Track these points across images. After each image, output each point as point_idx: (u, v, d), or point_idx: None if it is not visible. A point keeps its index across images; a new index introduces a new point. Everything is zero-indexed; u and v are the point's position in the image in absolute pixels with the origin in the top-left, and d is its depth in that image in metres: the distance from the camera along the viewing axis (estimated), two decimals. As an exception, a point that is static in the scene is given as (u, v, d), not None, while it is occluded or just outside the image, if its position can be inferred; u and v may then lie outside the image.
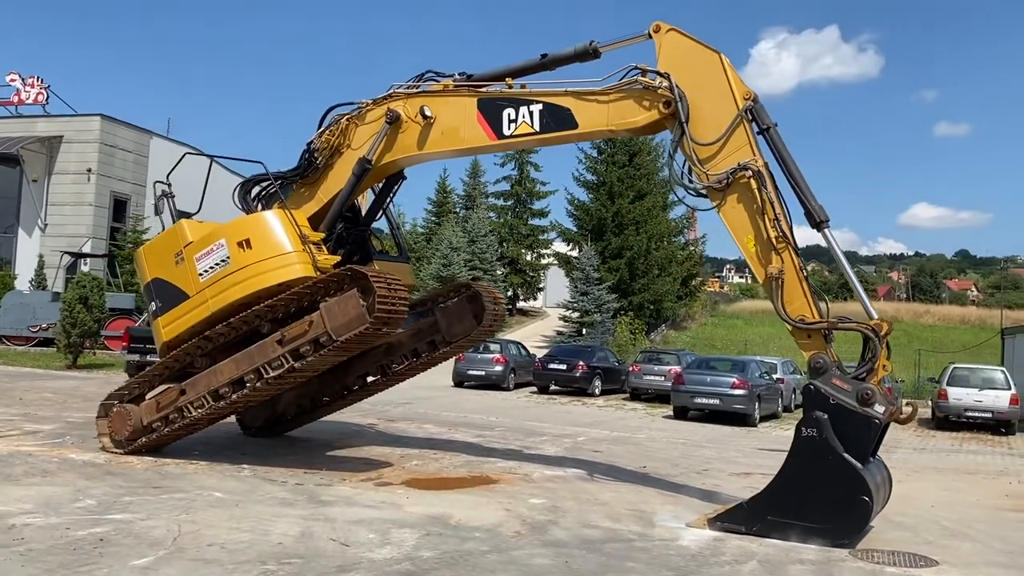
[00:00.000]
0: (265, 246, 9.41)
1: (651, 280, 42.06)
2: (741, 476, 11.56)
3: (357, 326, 8.74)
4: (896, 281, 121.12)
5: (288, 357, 9.19)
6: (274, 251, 9.37)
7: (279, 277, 9.30)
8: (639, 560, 6.64)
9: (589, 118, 8.54)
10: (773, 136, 7.99)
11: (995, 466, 15.03)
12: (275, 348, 9.24)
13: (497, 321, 11.61)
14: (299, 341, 9.08)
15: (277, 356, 9.23)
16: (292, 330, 9.12)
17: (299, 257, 9.34)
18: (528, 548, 6.85)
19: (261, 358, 9.34)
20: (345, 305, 8.79)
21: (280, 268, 9.31)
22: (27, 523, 6.74)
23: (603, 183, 44.20)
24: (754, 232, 7.92)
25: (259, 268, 9.34)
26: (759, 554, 7.02)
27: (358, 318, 8.72)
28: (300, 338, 9.07)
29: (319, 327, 8.94)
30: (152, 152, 37.56)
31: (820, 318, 7.76)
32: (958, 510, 9.76)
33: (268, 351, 9.30)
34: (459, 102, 9.21)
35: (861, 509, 7.17)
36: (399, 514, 7.87)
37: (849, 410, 7.32)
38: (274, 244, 9.41)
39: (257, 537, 6.70)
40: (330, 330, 8.86)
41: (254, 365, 9.38)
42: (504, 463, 11.37)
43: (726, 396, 19.21)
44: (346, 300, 8.81)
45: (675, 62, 8.24)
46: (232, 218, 10.17)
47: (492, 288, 12.13)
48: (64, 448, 10.49)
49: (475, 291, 11.52)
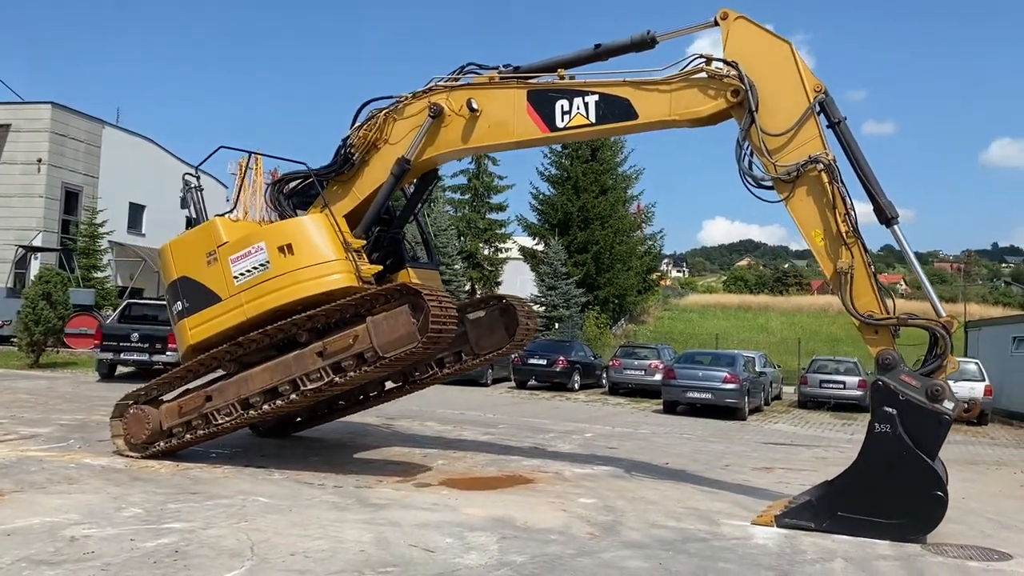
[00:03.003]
0: (308, 253, 8.98)
1: (616, 274, 42.27)
2: (764, 471, 11.58)
3: (406, 344, 8.38)
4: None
5: (328, 370, 8.80)
6: (317, 259, 8.97)
7: (322, 287, 8.90)
8: (729, 561, 6.53)
9: (650, 108, 8.37)
10: (843, 130, 7.94)
11: (986, 456, 15.40)
12: (315, 360, 8.83)
13: (529, 336, 11.30)
14: (342, 355, 8.69)
15: (316, 368, 8.83)
16: (335, 343, 8.71)
17: (342, 266, 8.97)
18: (612, 550, 6.69)
19: (299, 369, 8.92)
20: (395, 322, 8.41)
21: (323, 277, 8.91)
22: (86, 534, 6.35)
23: (568, 177, 44.22)
24: (823, 226, 7.86)
25: (301, 275, 8.92)
26: (839, 551, 6.97)
27: (408, 336, 8.35)
28: (343, 352, 8.67)
29: (364, 342, 8.55)
30: (105, 142, 36.31)
31: (888, 314, 7.75)
32: (990, 502, 9.92)
33: (307, 362, 8.87)
34: (507, 94, 8.94)
35: (937, 504, 7.18)
36: (460, 517, 7.63)
37: (919, 406, 7.33)
38: (317, 251, 9.00)
39: (334, 544, 6.41)
40: (377, 346, 8.48)
41: (291, 376, 8.96)
42: (529, 461, 11.20)
43: (718, 390, 19.34)
44: (396, 316, 8.43)
45: (744, 50, 8.10)
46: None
47: (526, 302, 11.82)
48: (73, 452, 9.98)
49: (508, 304, 11.22)
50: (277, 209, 9.79)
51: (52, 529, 6.46)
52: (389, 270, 10.11)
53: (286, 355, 9.07)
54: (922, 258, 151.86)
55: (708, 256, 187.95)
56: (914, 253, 8.21)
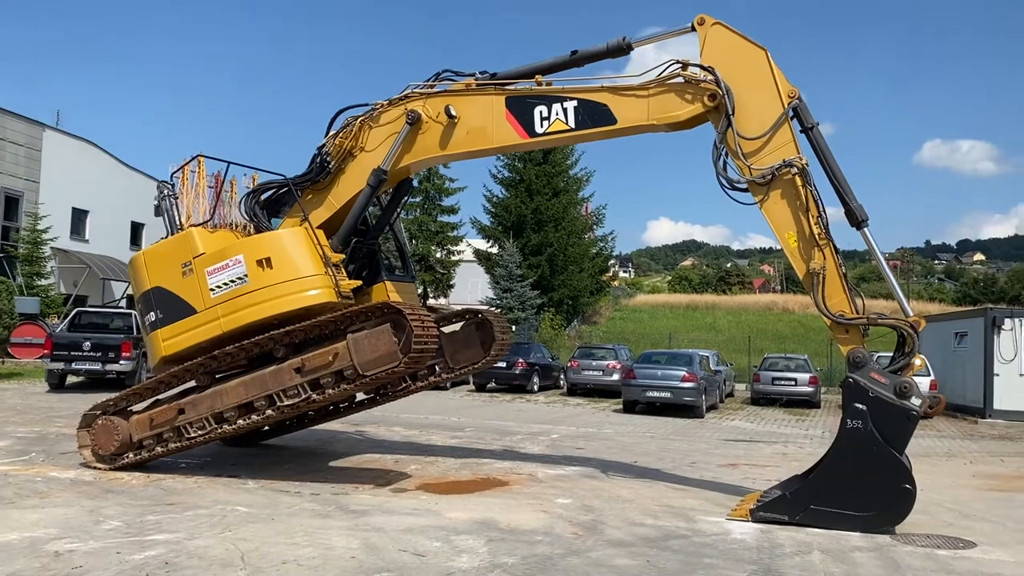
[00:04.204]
0: (287, 267, 8.91)
1: (569, 276, 42.58)
2: (729, 468, 11.84)
3: (388, 363, 8.33)
4: (769, 274, 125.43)
5: (306, 387, 8.72)
6: (296, 273, 8.90)
7: (301, 302, 8.85)
8: (713, 556, 6.70)
9: (629, 113, 8.50)
10: (816, 135, 8.18)
11: (936, 448, 15.93)
12: (292, 376, 8.74)
13: (503, 351, 11.35)
14: (321, 372, 8.60)
15: (294, 385, 8.74)
16: (314, 360, 8.62)
17: (322, 281, 8.92)
18: (599, 549, 6.81)
19: (276, 384, 8.81)
20: (376, 340, 8.34)
21: (302, 292, 8.86)
22: (69, 549, 6.25)
23: (521, 180, 44.41)
24: (796, 228, 8.10)
25: (279, 290, 8.84)
26: (815, 544, 7.20)
27: (390, 355, 8.30)
28: (322, 369, 8.59)
29: (344, 359, 8.47)
30: (46, 146, 35.23)
31: (858, 314, 8.02)
32: (947, 492, 10.29)
33: (284, 378, 8.78)
34: (485, 100, 9.00)
35: (906, 497, 7.47)
36: (443, 520, 7.68)
37: (887, 402, 7.61)
38: (296, 266, 8.93)
39: (324, 552, 6.41)
40: (357, 364, 8.41)
41: (267, 391, 8.86)
42: (501, 464, 11.28)
43: (677, 389, 19.66)
44: (377, 335, 8.35)
45: (720, 56, 8.29)
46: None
47: (501, 316, 11.85)
48: (38, 466, 9.77)
49: (484, 319, 11.24)
50: (253, 220, 9.65)
51: (33, 544, 6.34)
52: (366, 282, 10.06)
53: (263, 370, 8.95)
54: (860, 256, 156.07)
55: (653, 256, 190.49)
56: (852, 251, 8.51)
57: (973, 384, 22.58)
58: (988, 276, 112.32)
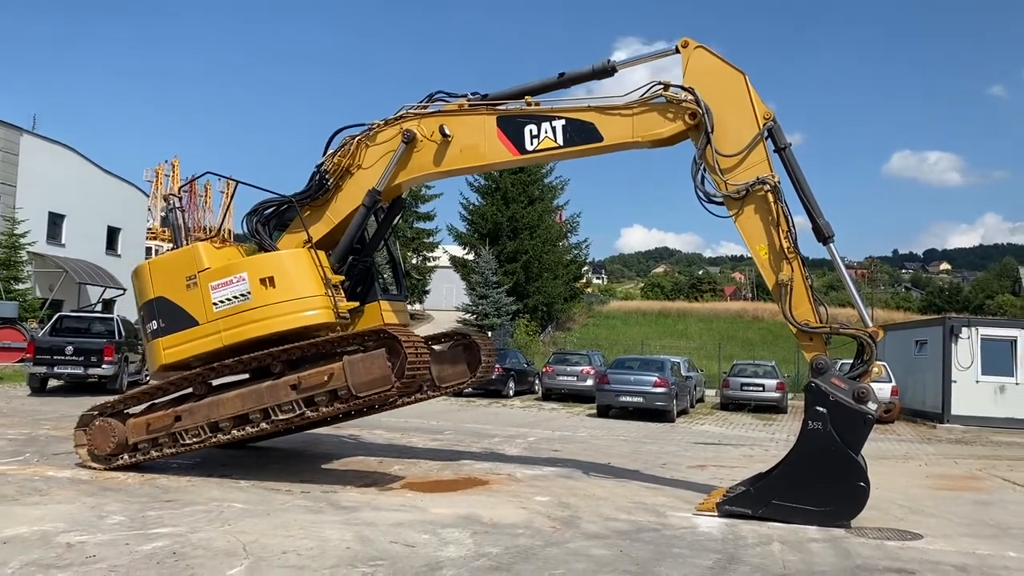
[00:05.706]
0: (289, 287, 9.29)
1: (544, 283, 43.21)
2: (698, 468, 12.43)
3: (381, 386, 8.76)
4: (740, 281, 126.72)
5: (300, 403, 9.12)
6: (297, 293, 9.29)
7: (300, 321, 9.25)
8: (682, 547, 7.25)
9: (614, 131, 9.05)
10: (788, 155, 8.78)
11: (894, 451, 16.66)
12: (288, 392, 9.12)
13: (488, 373, 11.88)
14: (316, 390, 9.01)
15: (289, 400, 9.13)
16: (310, 378, 9.02)
17: (321, 302, 9.34)
18: (576, 541, 7.33)
19: (271, 399, 9.20)
20: (371, 364, 8.77)
21: (302, 312, 9.26)
22: (80, 540, 6.64)
23: (497, 188, 44.99)
24: (767, 241, 8.69)
25: (281, 309, 9.24)
26: (775, 536, 7.78)
27: (383, 379, 8.74)
28: (317, 387, 9.00)
29: (339, 380, 8.88)
30: (23, 150, 35.26)
31: (822, 323, 8.62)
32: (900, 491, 10.94)
33: (279, 393, 9.16)
34: (477, 120, 9.49)
35: (860, 494, 8.08)
36: (429, 516, 8.15)
37: (846, 406, 8.21)
38: (298, 286, 9.32)
39: (320, 543, 6.86)
40: (352, 385, 8.83)
41: (262, 405, 9.25)
42: (481, 464, 11.77)
43: (648, 394, 20.29)
44: (372, 359, 8.78)
45: (701, 78, 8.86)
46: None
47: (488, 340, 12.35)
48: (34, 466, 10.10)
49: (472, 341, 11.72)
50: (255, 237, 10.06)
51: (44, 537, 6.72)
52: (361, 299, 10.45)
53: (259, 384, 9.34)
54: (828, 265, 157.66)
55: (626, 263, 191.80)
56: (821, 259, 9.15)
57: (932, 390, 23.45)
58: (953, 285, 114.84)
